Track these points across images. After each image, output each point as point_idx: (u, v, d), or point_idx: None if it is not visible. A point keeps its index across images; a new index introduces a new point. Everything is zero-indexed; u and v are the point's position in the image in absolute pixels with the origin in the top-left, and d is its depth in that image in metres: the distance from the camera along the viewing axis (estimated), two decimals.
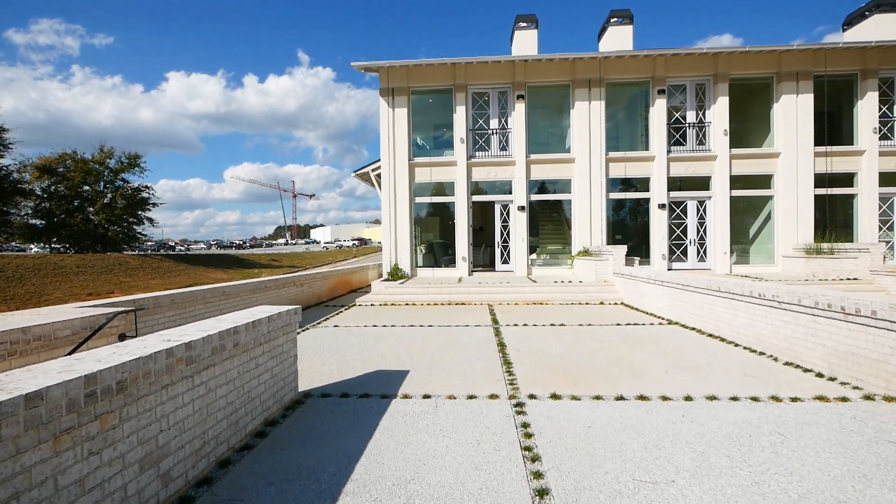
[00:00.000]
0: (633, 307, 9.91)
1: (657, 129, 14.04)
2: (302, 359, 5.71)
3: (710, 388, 4.35)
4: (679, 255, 14.27)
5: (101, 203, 33.57)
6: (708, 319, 6.88)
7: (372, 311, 9.92)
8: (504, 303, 10.84)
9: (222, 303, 7.24)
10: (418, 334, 7.27)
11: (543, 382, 4.59)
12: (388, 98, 14.44)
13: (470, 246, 14.58)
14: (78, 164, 33.73)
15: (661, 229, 14.09)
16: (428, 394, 4.28)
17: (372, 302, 11.17)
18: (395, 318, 9.00)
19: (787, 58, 13.55)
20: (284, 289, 9.63)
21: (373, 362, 5.54)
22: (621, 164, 14.23)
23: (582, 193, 14.13)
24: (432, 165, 14.62)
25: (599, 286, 11.43)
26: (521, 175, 14.25)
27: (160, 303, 5.85)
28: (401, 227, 14.49)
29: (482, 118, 14.69)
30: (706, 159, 14.01)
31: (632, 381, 4.57)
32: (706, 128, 14.16)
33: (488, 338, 6.86)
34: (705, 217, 14.21)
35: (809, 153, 13.59)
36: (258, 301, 8.33)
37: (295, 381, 4.16)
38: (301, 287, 10.54)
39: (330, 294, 12.60)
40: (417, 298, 11.29)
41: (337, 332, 7.52)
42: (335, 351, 6.17)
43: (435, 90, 14.78)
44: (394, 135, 14.45)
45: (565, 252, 15.89)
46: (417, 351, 6.07)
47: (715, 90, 13.92)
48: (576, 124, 14.20)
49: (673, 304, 8.01)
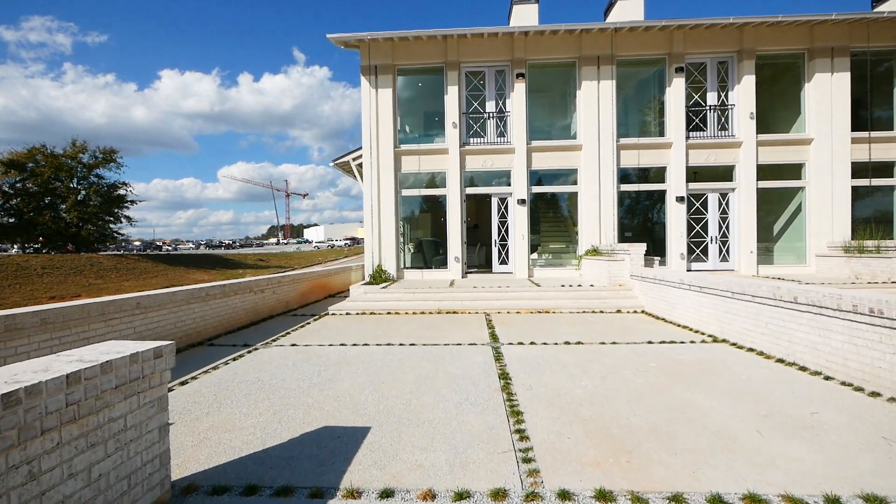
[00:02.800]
0: (658, 317, 8.26)
1: (674, 112, 12.42)
2: (219, 406, 3.98)
3: (848, 468, 2.69)
4: (699, 255, 12.66)
5: (73, 200, 31.48)
6: (773, 339, 5.24)
7: (344, 323, 8.19)
8: (503, 311, 9.15)
9: (134, 319, 5.48)
10: (395, 358, 5.56)
11: (579, 458, 2.90)
12: (371, 77, 12.70)
13: (464, 244, 12.89)
14: (48, 159, 31.65)
15: (678, 225, 12.47)
16: (390, 488, 2.57)
17: (347, 310, 9.44)
18: (370, 332, 7.28)
19: (821, 31, 11.98)
20: (237, 296, 7.87)
21: (321, 411, 3.83)
22: (634, 151, 12.59)
23: (590, 185, 12.48)
24: (421, 154, 12.90)
25: (614, 291, 9.78)
26: (522, 164, 12.58)
27: (21, 324, 4.09)
28: (385, 223, 12.76)
29: (477, 100, 12.99)
30: (729, 146, 12.41)
31: (719, 457, 2.88)
32: (729, 111, 12.56)
33: (486, 366, 5.16)
34: (728, 211, 12.61)
35: (846, 139, 12.02)
36: (190, 315, 6.57)
37: (162, 470, 2.44)
38: (262, 293, 8.78)
39: (301, 300, 10.84)
40: (401, 306, 9.58)
41: (289, 356, 5.79)
42: (274, 390, 4.44)
43: (424, 68, 13.05)
44: (377, 119, 12.71)
45: (569, 251, 14.25)
46: (389, 390, 4.37)
47: (739, 68, 12.31)
48: (582, 107, 12.54)
49: (718, 316, 6.36)
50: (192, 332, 6.55)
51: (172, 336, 6.12)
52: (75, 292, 23.56)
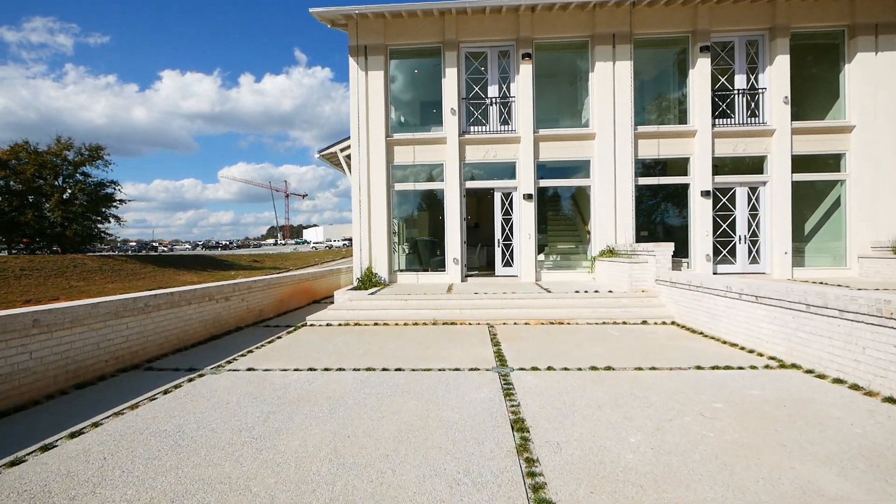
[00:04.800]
0: (694, 331, 6.94)
1: (699, 96, 11.10)
2: (100, 482, 2.65)
3: None
4: (725, 256, 11.34)
5: (57, 199, 30.17)
6: (877, 369, 3.93)
7: (322, 337, 6.88)
8: (509, 321, 7.83)
9: (31, 341, 4.16)
10: (372, 393, 4.25)
11: None
12: (360, 58, 11.39)
13: (463, 244, 11.58)
14: (31, 157, 30.37)
15: (703, 223, 11.14)
16: None
17: (328, 321, 8.12)
18: (349, 350, 5.97)
19: (863, 5, 10.67)
20: (191, 306, 6.55)
21: (243, 497, 2.52)
22: (653, 140, 11.27)
23: (604, 177, 11.16)
24: (416, 143, 11.59)
25: (637, 298, 8.47)
26: (528, 154, 11.26)
27: None
28: (376, 221, 11.45)
29: (478, 84, 11.68)
30: (761, 134, 11.09)
31: None
32: (760, 95, 11.25)
33: (494, 407, 3.85)
34: (758, 207, 11.29)
35: (893, 125, 10.71)
36: (121, 332, 5.24)
37: None
38: (226, 301, 7.47)
39: (279, 307, 9.53)
40: (391, 315, 8.26)
41: (237, 388, 4.47)
42: (193, 450, 3.11)
43: (419, 49, 11.74)
44: (367, 105, 11.40)
45: (579, 252, 12.95)
46: (355, 452, 3.05)
47: (772, 47, 11.00)
48: (596, 91, 11.23)
49: (787, 334, 5.05)
50: (123, 354, 5.24)
51: (94, 359, 4.82)
52: (53, 295, 22.26)
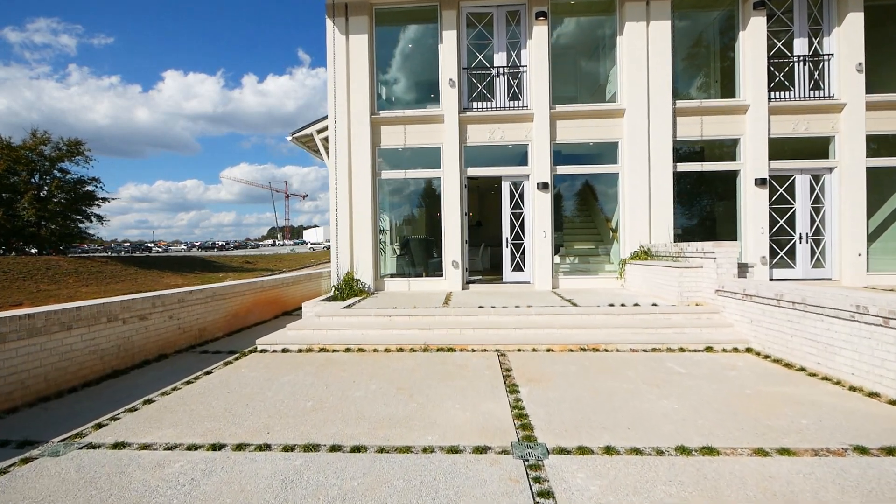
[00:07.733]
0: (788, 364, 4.93)
1: (751, 64, 9.11)
2: None
3: None
4: (782, 258, 9.33)
5: (30, 196, 28.27)
6: None
7: (265, 375, 4.89)
8: (527, 347, 5.81)
9: None
10: None
11: None
12: (340, 19, 9.42)
13: (465, 244, 9.59)
14: (4, 151, 28.51)
15: (757, 218, 9.14)
16: None
17: (286, 345, 6.12)
18: (293, 403, 3.98)
19: None
20: (75, 331, 4.57)
21: None
22: (694, 119, 9.28)
23: (636, 163, 9.17)
24: (407, 122, 9.61)
25: (692, 315, 6.45)
26: (543, 135, 9.28)
27: None
28: (359, 216, 9.47)
29: (482, 51, 9.70)
30: (827, 109, 9.09)
31: None
32: (825, 63, 9.24)
33: None
34: (822, 199, 9.29)
35: None
36: None
37: None
38: (140, 322, 5.48)
39: (230, 325, 7.53)
40: (370, 338, 6.26)
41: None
42: None
43: (410, 9, 9.77)
44: (347, 76, 9.43)
45: (600, 254, 10.98)
46: None
47: (840, 4, 9.02)
48: (626, 58, 9.24)
49: None
50: None
51: None
52: (18, 300, 20.33)
